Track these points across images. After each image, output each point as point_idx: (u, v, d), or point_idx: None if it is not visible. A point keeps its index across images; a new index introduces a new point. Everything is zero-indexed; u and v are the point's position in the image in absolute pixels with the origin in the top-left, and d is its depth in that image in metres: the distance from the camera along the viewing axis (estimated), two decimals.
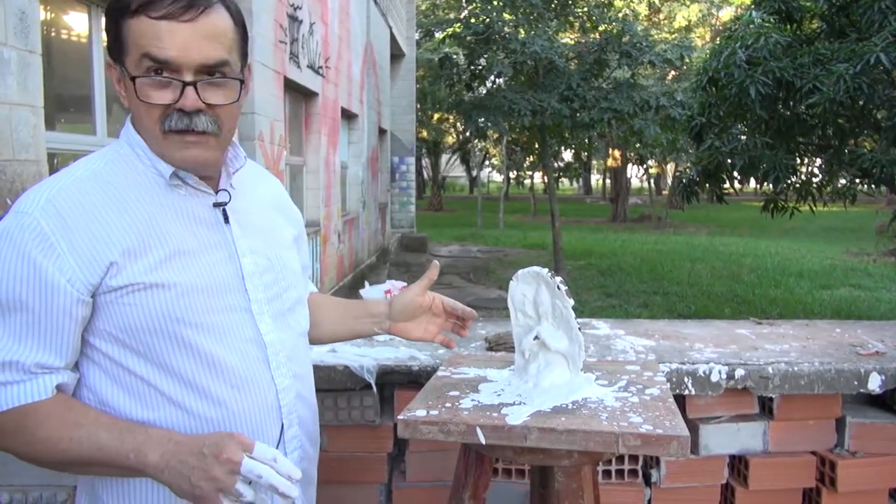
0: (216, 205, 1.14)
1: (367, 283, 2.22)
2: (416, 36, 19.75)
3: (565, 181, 45.40)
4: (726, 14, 25.42)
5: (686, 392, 1.92)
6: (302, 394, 1.24)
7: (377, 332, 1.44)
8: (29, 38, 2.98)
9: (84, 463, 1.03)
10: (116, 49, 1.04)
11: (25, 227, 1.00)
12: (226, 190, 1.15)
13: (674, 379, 1.89)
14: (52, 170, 3.46)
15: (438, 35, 14.18)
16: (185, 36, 1.00)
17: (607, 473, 2.00)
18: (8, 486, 2.05)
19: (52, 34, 3.73)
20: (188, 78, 1.02)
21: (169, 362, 1.07)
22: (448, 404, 1.35)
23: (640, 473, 2.01)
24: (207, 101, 1.04)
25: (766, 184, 6.68)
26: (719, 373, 1.92)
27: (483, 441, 1.25)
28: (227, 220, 1.14)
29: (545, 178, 21.02)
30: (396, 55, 17.36)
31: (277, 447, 1.16)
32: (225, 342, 1.10)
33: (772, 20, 6.45)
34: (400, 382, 1.98)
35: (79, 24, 3.96)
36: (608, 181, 36.56)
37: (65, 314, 1.02)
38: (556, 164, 28.58)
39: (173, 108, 1.03)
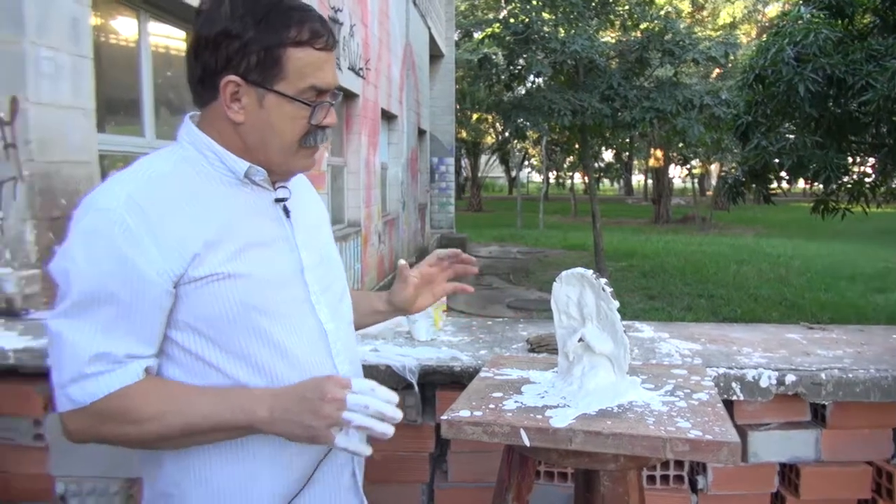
0: (277, 200, 1.21)
1: None
2: (456, 36, 19.79)
3: (606, 182, 44.86)
4: (773, 10, 24.82)
5: (734, 397, 1.88)
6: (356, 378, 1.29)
7: (382, 321, 1.55)
8: (81, 43, 3.07)
9: (193, 432, 1.06)
10: (263, 73, 1.10)
11: (112, 223, 1.04)
12: (285, 187, 1.23)
13: (721, 384, 1.85)
14: (103, 171, 3.56)
15: (477, 35, 14.19)
16: (333, 64, 1.16)
17: (651, 479, 1.97)
18: (64, 477, 2.12)
19: (102, 39, 3.84)
20: (330, 99, 1.16)
21: (243, 350, 1.12)
22: (491, 405, 1.34)
23: (686, 479, 1.97)
24: None
25: (815, 184, 6.50)
26: (769, 378, 1.87)
27: (527, 443, 1.24)
28: (287, 214, 1.22)
29: (585, 178, 20.81)
30: (435, 56, 17.41)
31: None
32: (293, 331, 1.16)
33: (822, 15, 6.27)
34: (441, 383, 1.97)
35: (128, 29, 4.07)
36: (650, 182, 36.05)
37: (154, 305, 1.06)
38: (596, 165, 28.26)
39: (317, 126, 1.15)
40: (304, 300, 1.19)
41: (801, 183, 7.37)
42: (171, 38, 4.51)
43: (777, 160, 6.43)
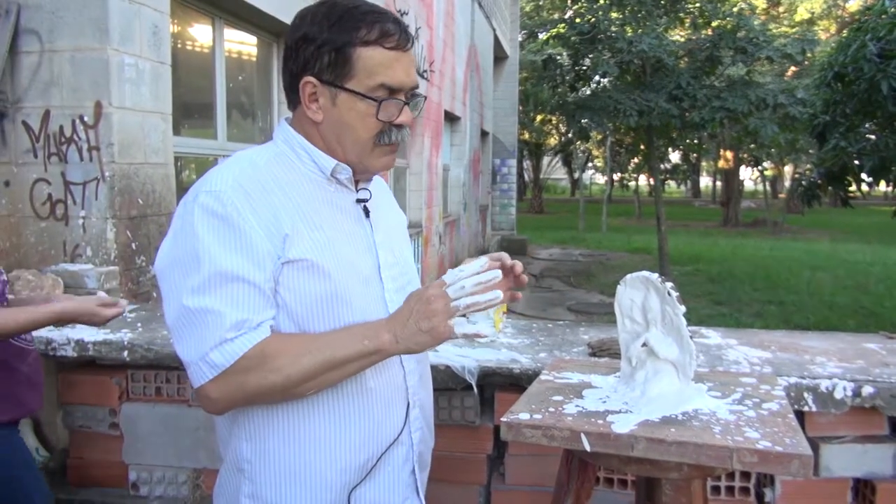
0: (359, 201, 1.27)
1: None
2: (520, 37, 19.67)
3: (672, 184, 43.73)
4: (854, 4, 23.71)
5: (806, 408, 1.81)
6: (423, 378, 1.34)
7: None
8: (160, 50, 3.21)
9: (329, 368, 1.12)
10: (335, 72, 1.16)
11: (224, 203, 1.11)
12: (367, 189, 1.29)
13: (792, 394, 1.79)
14: (178, 172, 3.71)
15: (542, 36, 14.06)
16: (407, 64, 1.18)
17: (716, 489, 1.91)
18: (136, 465, 2.22)
19: (179, 45, 4.00)
20: (403, 98, 1.19)
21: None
22: (552, 409, 1.33)
23: (753, 492, 1.91)
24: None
25: None
26: (844, 389, 1.79)
27: (588, 448, 1.22)
28: (367, 214, 1.27)
29: (651, 180, 20.36)
30: (500, 57, 17.37)
31: (403, 426, 1.26)
32: None
33: None
34: (501, 384, 1.97)
35: (203, 36, 4.22)
36: (719, 184, 34.98)
37: (272, 276, 1.13)
38: (662, 166, 27.59)
39: (391, 124, 1.19)
40: (379, 297, 1.24)
41: (882, 185, 7.02)
42: (244, 45, 4.66)
43: (857, 161, 6.15)
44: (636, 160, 28.08)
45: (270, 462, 1.19)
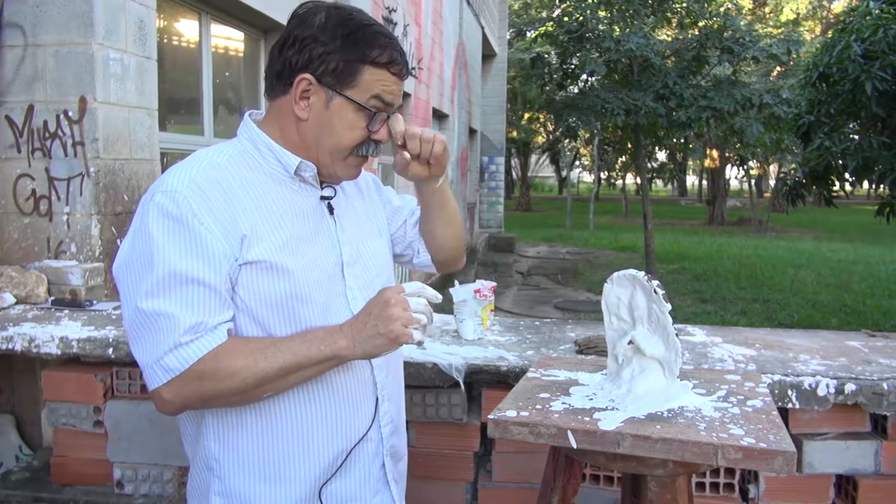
0: (323, 198, 1.27)
1: (456, 283, 2.23)
2: (508, 35, 19.70)
3: (659, 182, 44.00)
4: (839, 5, 23.95)
5: (789, 405, 1.83)
6: (393, 370, 1.35)
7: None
8: (146, 45, 3.17)
9: (285, 373, 1.13)
10: (338, 79, 1.19)
11: (179, 203, 1.11)
12: (332, 186, 1.29)
13: (776, 391, 1.80)
14: (164, 168, 3.68)
15: (530, 34, 14.07)
16: (400, 88, 1.24)
17: (700, 486, 1.93)
18: (121, 463, 2.20)
19: (166, 40, 3.97)
20: (387, 115, 1.24)
21: (283, 336, 1.18)
22: (538, 406, 1.34)
23: (737, 488, 1.93)
24: None
25: (881, 186, 6.24)
26: (827, 386, 1.81)
27: (574, 445, 1.23)
28: (331, 211, 1.28)
29: (638, 178, 20.47)
30: (488, 55, 17.37)
31: (373, 420, 1.27)
32: (330, 321, 1.20)
33: (892, 10, 6.01)
34: (488, 382, 1.98)
35: (190, 30, 4.19)
36: (705, 182, 35.24)
37: (227, 278, 1.13)
38: (649, 165, 27.72)
39: (371, 138, 1.23)
40: (341, 294, 1.24)
41: (865, 185, 7.10)
42: (230, 40, 4.63)
43: (840, 161, 6.20)
44: (623, 159, 28.20)
45: (239, 459, 1.20)
